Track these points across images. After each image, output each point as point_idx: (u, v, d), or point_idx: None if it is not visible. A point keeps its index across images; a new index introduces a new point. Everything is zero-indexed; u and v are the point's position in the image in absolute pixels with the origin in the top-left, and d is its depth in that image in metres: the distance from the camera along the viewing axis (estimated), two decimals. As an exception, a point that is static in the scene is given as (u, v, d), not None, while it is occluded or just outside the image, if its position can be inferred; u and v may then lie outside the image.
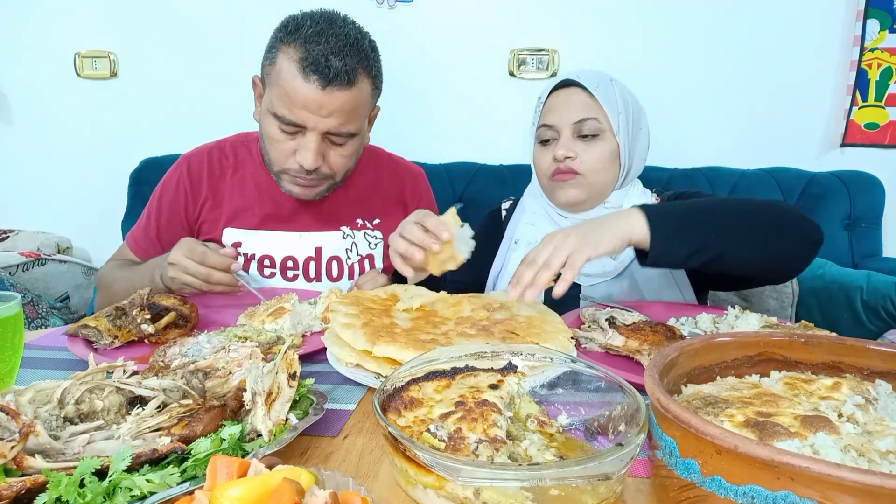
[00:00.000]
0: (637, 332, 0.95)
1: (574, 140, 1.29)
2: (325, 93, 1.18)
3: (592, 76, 1.32)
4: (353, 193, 1.46)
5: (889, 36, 2.39)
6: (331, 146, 1.27)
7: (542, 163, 1.34)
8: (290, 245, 1.42)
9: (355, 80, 1.20)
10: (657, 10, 2.49)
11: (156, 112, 2.73)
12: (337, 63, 1.17)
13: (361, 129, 1.30)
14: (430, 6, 2.57)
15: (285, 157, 1.27)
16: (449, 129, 2.68)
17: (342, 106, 1.20)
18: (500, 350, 0.75)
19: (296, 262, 1.42)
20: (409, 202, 1.53)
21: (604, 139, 1.29)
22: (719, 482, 0.47)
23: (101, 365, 0.70)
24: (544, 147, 1.35)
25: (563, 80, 1.33)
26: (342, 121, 1.22)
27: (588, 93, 1.29)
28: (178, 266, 1.15)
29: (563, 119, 1.30)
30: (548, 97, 1.35)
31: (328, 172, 1.30)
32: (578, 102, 1.30)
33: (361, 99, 1.24)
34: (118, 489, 0.52)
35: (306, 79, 1.17)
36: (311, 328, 1.07)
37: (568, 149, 1.28)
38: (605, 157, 1.29)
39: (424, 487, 0.55)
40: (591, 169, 1.29)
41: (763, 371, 0.71)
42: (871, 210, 2.31)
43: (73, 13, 2.68)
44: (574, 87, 1.31)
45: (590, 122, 1.28)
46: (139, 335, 1.00)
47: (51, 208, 2.84)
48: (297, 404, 0.70)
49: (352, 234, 1.46)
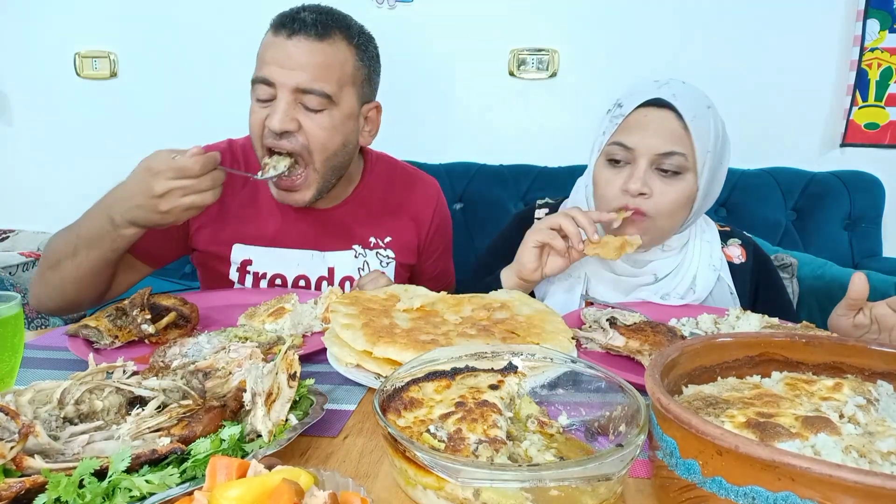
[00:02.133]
0: (638, 333, 0.95)
1: (651, 172, 1.12)
2: (291, 42, 1.14)
3: (690, 100, 1.13)
4: (364, 209, 1.40)
5: (889, 36, 2.39)
6: (305, 112, 1.18)
7: (608, 188, 1.16)
8: (303, 264, 1.36)
9: (327, 34, 1.16)
10: (657, 10, 2.49)
11: (156, 112, 2.73)
12: (307, 17, 1.16)
13: (341, 99, 1.20)
14: (430, 6, 2.57)
15: (259, 128, 1.20)
16: (449, 129, 2.68)
17: (309, 57, 1.15)
18: (501, 350, 0.75)
19: (308, 281, 1.36)
20: (421, 220, 1.46)
21: (684, 179, 1.13)
22: (720, 483, 0.47)
23: (101, 365, 0.70)
24: (614, 168, 1.17)
25: (655, 98, 1.13)
26: (312, 75, 1.15)
27: (682, 121, 1.10)
28: (171, 194, 1.03)
29: (646, 145, 1.11)
30: (633, 111, 1.15)
31: (304, 143, 1.19)
32: (669, 131, 1.11)
33: (335, 57, 1.17)
34: (117, 490, 0.52)
35: (275, 34, 1.16)
36: (311, 328, 1.07)
37: (644, 183, 1.11)
38: (681, 200, 1.14)
39: (424, 488, 0.55)
40: (662, 213, 1.13)
41: (764, 371, 0.71)
42: (871, 210, 2.31)
43: (73, 13, 2.68)
44: (667, 110, 1.12)
45: (675, 158, 1.10)
46: (139, 335, 1.00)
47: (51, 208, 2.83)
48: (297, 405, 0.70)
49: (363, 254, 1.40)
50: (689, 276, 1.25)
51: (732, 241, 1.33)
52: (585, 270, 1.27)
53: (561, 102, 2.59)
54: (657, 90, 1.14)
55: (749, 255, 1.31)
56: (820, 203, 2.32)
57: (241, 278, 1.36)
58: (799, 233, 2.33)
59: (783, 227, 2.33)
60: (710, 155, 1.14)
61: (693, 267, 1.25)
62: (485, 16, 2.56)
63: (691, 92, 1.16)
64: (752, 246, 1.34)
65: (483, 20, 2.57)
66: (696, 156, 1.12)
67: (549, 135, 2.59)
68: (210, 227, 1.34)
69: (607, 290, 1.27)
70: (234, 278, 1.37)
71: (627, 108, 1.16)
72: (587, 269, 1.27)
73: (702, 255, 1.27)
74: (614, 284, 1.27)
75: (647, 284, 1.25)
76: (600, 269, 1.27)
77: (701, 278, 1.25)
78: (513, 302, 1.03)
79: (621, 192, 1.14)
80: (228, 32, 2.61)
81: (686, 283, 1.25)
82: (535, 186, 2.38)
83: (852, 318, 0.94)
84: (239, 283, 1.37)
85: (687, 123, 1.10)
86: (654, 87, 1.15)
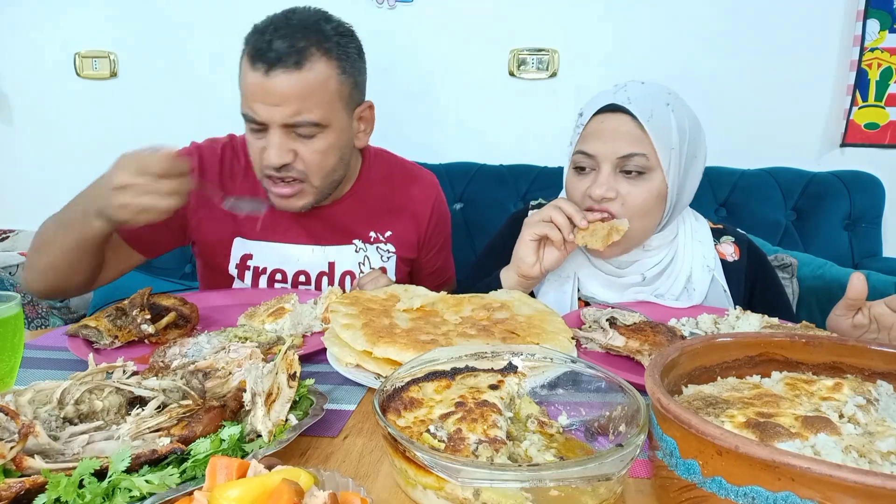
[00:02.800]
0: (638, 333, 0.95)
1: (616, 176, 1.14)
2: (268, 78, 1.11)
3: (646, 100, 1.13)
4: (364, 205, 1.40)
5: (889, 36, 2.39)
6: (298, 140, 1.18)
7: (575, 194, 1.19)
8: (303, 259, 1.36)
9: (304, 60, 1.12)
10: (657, 10, 2.49)
11: (156, 112, 2.73)
12: (281, 45, 1.11)
13: (331, 120, 1.19)
14: (430, 6, 2.57)
15: (258, 159, 1.20)
16: (449, 130, 2.68)
17: (291, 90, 1.12)
18: (500, 350, 0.75)
19: (308, 276, 1.37)
20: (420, 215, 1.46)
21: (650, 178, 1.13)
22: (720, 483, 0.47)
23: (101, 365, 0.70)
24: (579, 175, 1.18)
25: (610, 104, 1.15)
26: (296, 108, 1.13)
27: (639, 122, 1.12)
28: (129, 189, 0.99)
29: (605, 151, 1.13)
30: (591, 119, 1.17)
31: (302, 170, 1.20)
32: (625, 134, 1.12)
33: (317, 82, 1.14)
34: (117, 490, 0.52)
35: (253, 67, 1.13)
36: (311, 328, 1.07)
37: (608, 188, 1.12)
38: (649, 199, 1.14)
39: (424, 488, 0.55)
40: (634, 213, 1.14)
41: (764, 371, 0.71)
42: (871, 210, 2.31)
43: (73, 13, 2.68)
44: (622, 114, 1.13)
45: (636, 159, 1.12)
46: (139, 335, 1.00)
47: (51, 208, 2.82)
48: (296, 405, 0.70)
49: (364, 248, 1.40)
50: (682, 278, 1.25)
51: (726, 238, 1.33)
52: (575, 269, 1.27)
53: (561, 102, 2.58)
54: (613, 96, 1.16)
55: (743, 252, 1.31)
56: (820, 203, 2.31)
57: (240, 273, 1.36)
58: (799, 233, 2.33)
59: (783, 227, 2.33)
60: (674, 151, 1.14)
61: (686, 268, 1.25)
62: (485, 16, 2.56)
63: (649, 92, 1.16)
64: (745, 243, 1.33)
65: (483, 20, 2.57)
66: (657, 154, 1.12)
67: (549, 135, 2.59)
68: (212, 219, 1.34)
69: (598, 289, 1.27)
70: (234, 273, 1.36)
71: (586, 117, 1.18)
72: (577, 269, 1.28)
73: (694, 256, 1.26)
74: (605, 283, 1.27)
75: (637, 284, 1.25)
76: (589, 267, 1.28)
77: (697, 280, 1.25)
78: (513, 302, 1.03)
79: (587, 198, 1.16)
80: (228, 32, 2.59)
81: (680, 284, 1.24)
82: (535, 186, 2.38)
83: (851, 319, 0.94)
84: (238, 278, 1.37)
85: (643, 124, 1.11)
86: (612, 92, 1.17)
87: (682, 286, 1.24)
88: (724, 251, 1.31)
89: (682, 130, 1.15)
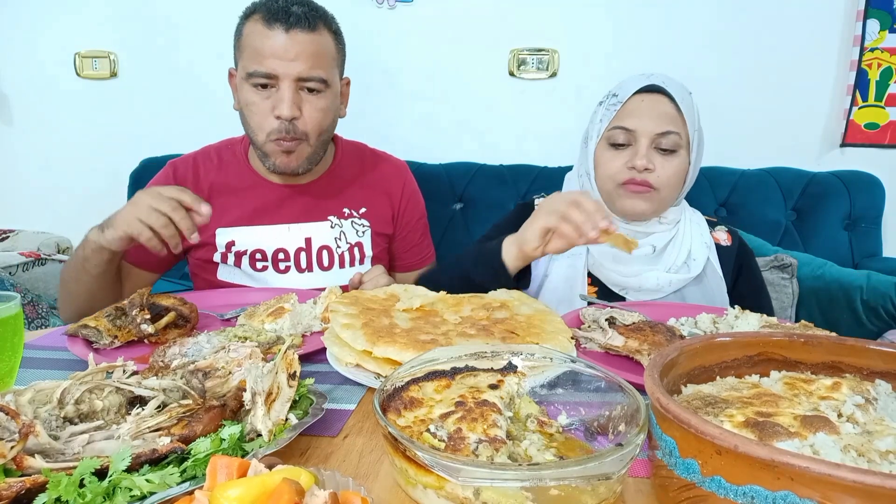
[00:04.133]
0: (637, 333, 0.95)
1: (652, 151, 1.25)
2: (289, 36, 1.26)
3: (676, 86, 1.27)
4: (337, 184, 1.50)
5: (889, 36, 2.39)
6: (306, 97, 1.31)
7: (612, 167, 1.28)
8: (281, 238, 1.44)
9: (316, 26, 1.29)
10: (657, 10, 2.49)
11: (156, 112, 2.73)
12: (298, 10, 1.27)
13: (332, 82, 1.34)
14: (430, 6, 2.57)
15: (264, 117, 1.30)
16: (449, 130, 2.68)
17: (307, 48, 1.27)
18: (500, 350, 0.75)
19: (287, 253, 1.44)
20: (392, 193, 1.56)
21: (679, 155, 1.26)
22: (719, 482, 0.47)
23: (101, 365, 0.70)
24: (616, 151, 1.28)
25: (648, 85, 1.27)
26: (310, 63, 1.28)
27: (674, 104, 1.25)
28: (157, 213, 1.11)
29: (645, 127, 1.24)
30: (629, 98, 1.28)
31: (303, 130, 1.32)
32: (664, 113, 1.25)
33: (325, 46, 1.32)
34: (118, 489, 0.52)
35: (270, 28, 1.26)
36: (311, 328, 1.07)
37: (649, 160, 1.24)
38: (679, 173, 1.27)
39: (424, 487, 0.55)
40: (666, 184, 1.26)
41: (763, 371, 0.71)
42: (871, 210, 2.31)
43: (73, 13, 2.68)
44: (659, 95, 1.26)
45: (672, 136, 1.24)
46: (139, 335, 1.00)
47: (51, 208, 2.84)
48: (296, 404, 0.70)
49: (339, 224, 1.49)
50: (684, 249, 1.34)
51: (719, 227, 1.46)
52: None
53: (561, 102, 2.59)
54: (648, 79, 1.29)
55: (735, 240, 1.43)
56: (820, 203, 2.31)
57: (223, 258, 1.43)
58: (799, 233, 2.33)
59: (783, 227, 2.33)
60: (696, 133, 1.28)
61: (687, 241, 1.35)
62: (485, 16, 2.56)
63: (675, 81, 1.30)
64: (736, 234, 1.45)
65: (483, 20, 2.57)
66: (688, 133, 1.26)
67: (549, 135, 2.59)
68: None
69: (607, 262, 1.33)
70: (218, 259, 1.43)
71: (624, 96, 1.29)
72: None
73: (693, 235, 1.36)
74: (614, 257, 1.33)
75: (647, 255, 1.33)
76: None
77: (697, 253, 1.34)
78: (512, 302, 1.03)
79: (626, 169, 1.26)
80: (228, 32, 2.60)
81: (682, 255, 1.33)
82: (535, 186, 2.38)
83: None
84: (222, 262, 1.44)
85: (679, 104, 1.25)
86: (644, 77, 1.30)
87: (684, 260, 1.33)
88: (718, 237, 1.43)
89: (698, 116, 1.29)
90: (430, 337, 0.86)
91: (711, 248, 1.37)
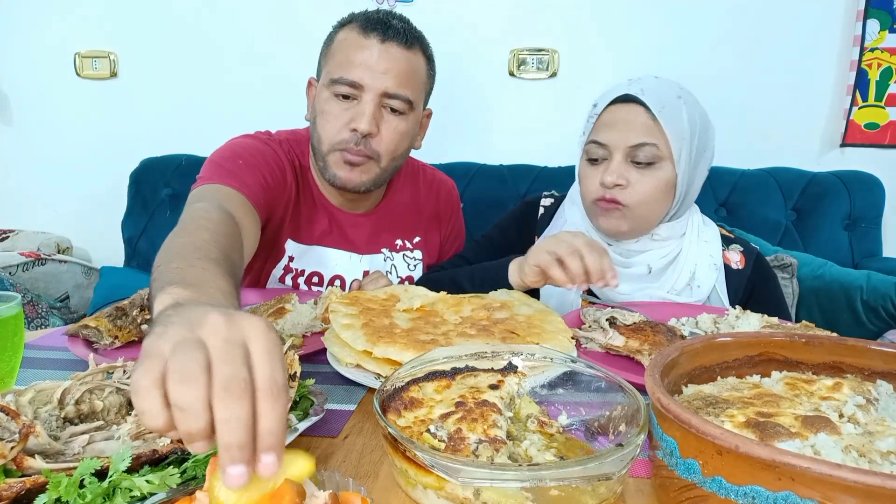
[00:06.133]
0: (638, 333, 0.95)
1: (627, 165, 1.17)
2: (383, 47, 1.20)
3: (658, 92, 1.18)
4: (395, 213, 1.46)
5: (889, 36, 2.39)
6: (387, 116, 1.24)
7: (588, 183, 1.22)
8: (341, 265, 1.40)
9: (413, 44, 1.23)
10: (657, 10, 2.49)
11: (156, 112, 2.73)
12: (397, 24, 1.23)
13: (416, 105, 1.27)
14: (430, 6, 2.57)
15: (338, 129, 1.23)
16: (449, 129, 2.67)
17: (399, 64, 1.21)
18: (500, 350, 0.75)
19: (343, 282, 1.39)
20: (442, 217, 1.53)
21: (660, 168, 1.17)
22: (720, 482, 0.47)
23: (102, 365, 0.70)
24: (592, 166, 1.22)
25: (624, 95, 1.19)
26: (399, 81, 1.21)
27: (651, 113, 1.15)
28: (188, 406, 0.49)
29: (617, 140, 1.17)
30: (604, 109, 1.21)
31: (376, 149, 1.24)
32: (638, 124, 1.16)
33: (418, 68, 1.26)
34: (118, 490, 0.52)
35: (366, 36, 1.20)
36: (311, 328, 1.07)
37: (619, 175, 1.16)
38: (658, 188, 1.18)
39: (424, 488, 0.55)
40: (639, 202, 1.18)
41: (764, 371, 0.71)
42: (871, 210, 2.31)
43: (73, 13, 2.68)
44: (634, 105, 1.17)
45: (647, 149, 1.15)
46: (139, 335, 1.00)
47: (51, 208, 2.84)
48: (297, 405, 0.70)
49: (391, 257, 1.45)
50: (686, 271, 1.25)
51: (734, 246, 1.33)
52: None
53: (561, 102, 2.58)
54: (627, 87, 1.20)
55: (748, 263, 1.31)
56: (820, 203, 2.31)
57: (281, 277, 1.37)
58: (799, 233, 2.33)
59: (783, 227, 2.33)
60: (685, 142, 1.17)
61: (691, 262, 1.26)
62: (485, 16, 2.56)
63: (662, 85, 1.20)
64: (754, 256, 1.32)
65: (483, 20, 2.56)
66: (669, 144, 1.16)
67: (549, 135, 2.59)
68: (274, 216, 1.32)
69: None
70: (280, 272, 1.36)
71: (599, 108, 1.22)
72: None
73: (700, 254, 1.27)
74: None
75: (641, 275, 1.26)
76: None
77: (702, 277, 1.25)
78: (512, 302, 1.03)
79: (599, 187, 1.19)
80: (228, 32, 2.60)
81: (685, 277, 1.25)
82: (535, 186, 2.38)
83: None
84: (280, 282, 1.38)
85: (655, 114, 1.15)
86: (625, 84, 1.21)
87: (686, 282, 1.25)
88: (729, 257, 1.31)
89: (692, 123, 1.18)
90: (430, 337, 0.86)
91: (721, 270, 1.28)
